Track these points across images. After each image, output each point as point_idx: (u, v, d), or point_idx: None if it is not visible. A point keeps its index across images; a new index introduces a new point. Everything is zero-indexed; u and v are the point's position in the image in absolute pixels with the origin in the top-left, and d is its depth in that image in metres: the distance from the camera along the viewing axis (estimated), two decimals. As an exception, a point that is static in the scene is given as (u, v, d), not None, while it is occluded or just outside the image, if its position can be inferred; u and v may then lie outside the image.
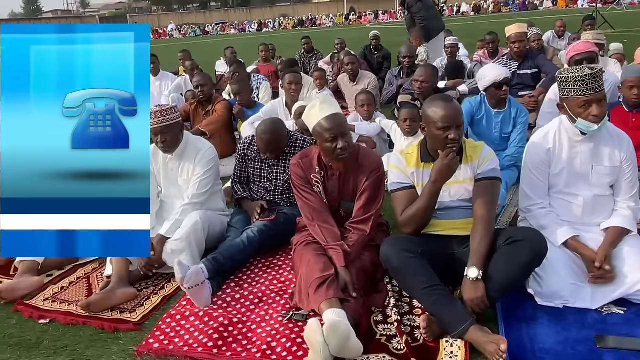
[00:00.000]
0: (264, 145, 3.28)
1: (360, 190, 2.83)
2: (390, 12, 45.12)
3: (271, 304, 2.75)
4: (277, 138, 3.28)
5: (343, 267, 2.60)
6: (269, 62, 8.48)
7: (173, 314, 2.69)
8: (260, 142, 3.29)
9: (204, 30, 46.01)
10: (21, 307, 2.87)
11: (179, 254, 3.03)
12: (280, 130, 3.31)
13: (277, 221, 3.27)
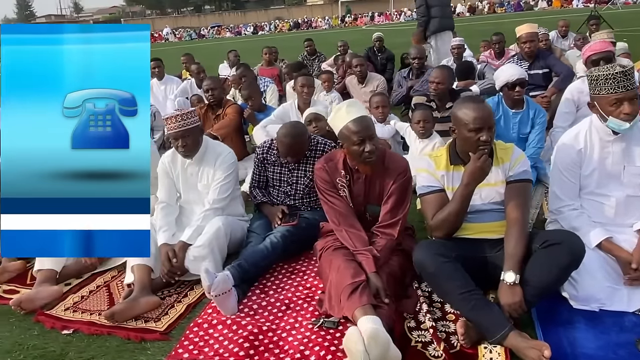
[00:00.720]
0: (285, 149, 3.23)
1: (387, 194, 2.78)
2: (386, 14, 45.17)
3: (299, 311, 2.70)
4: (299, 141, 3.23)
5: (374, 272, 2.55)
6: (272, 65, 8.42)
7: (200, 323, 2.63)
8: (281, 145, 3.24)
9: (199, 34, 45.90)
10: (42, 318, 2.80)
11: (202, 261, 2.98)
12: (303, 133, 3.26)
13: (299, 226, 3.22)
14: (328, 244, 2.88)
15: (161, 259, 2.99)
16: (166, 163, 3.32)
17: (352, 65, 6.15)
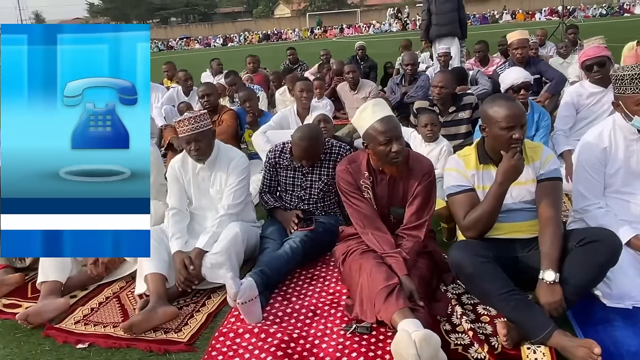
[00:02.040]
0: (301, 152, 3.15)
1: (412, 196, 2.73)
2: (355, 27, 45.63)
3: (327, 317, 2.61)
4: (315, 144, 3.16)
5: (406, 275, 2.48)
6: (256, 72, 8.35)
7: (225, 332, 2.52)
8: (297, 149, 3.16)
9: (168, 45, 45.41)
10: (52, 332, 2.64)
11: (219, 268, 2.87)
12: (319, 136, 3.20)
13: (316, 231, 3.14)
14: (351, 248, 2.81)
15: (176, 267, 2.87)
16: (176, 168, 3.20)
17: (345, 72, 6.14)
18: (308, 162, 3.23)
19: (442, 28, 7.29)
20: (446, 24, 7.28)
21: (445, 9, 7.24)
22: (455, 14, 7.32)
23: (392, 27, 42.41)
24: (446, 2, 7.22)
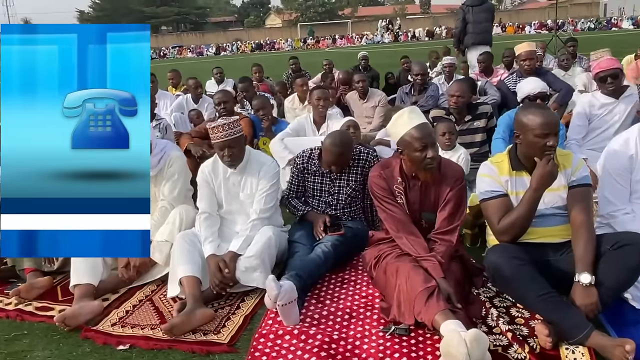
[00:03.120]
0: (333, 158, 3.21)
1: (444, 201, 2.80)
2: (348, 37, 45.99)
3: (364, 320, 2.66)
4: (347, 151, 3.23)
5: (443, 277, 2.54)
6: (262, 82, 8.41)
7: (264, 334, 2.56)
8: (328, 154, 3.22)
9: (160, 54, 45.38)
10: (91, 334, 2.66)
11: (253, 272, 2.91)
12: (350, 142, 3.26)
13: (346, 235, 3.20)
14: (383, 252, 2.87)
15: (211, 271, 2.90)
16: (206, 172, 3.24)
17: (354, 81, 6.20)
18: (338, 168, 3.29)
19: (477, 36, 7.77)
20: (480, 32, 7.79)
21: (481, 19, 7.76)
22: (489, 24, 7.92)
23: (384, 39, 42.84)
24: (482, 12, 7.75)
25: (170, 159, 3.37)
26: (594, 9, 59.31)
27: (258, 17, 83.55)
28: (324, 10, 72.96)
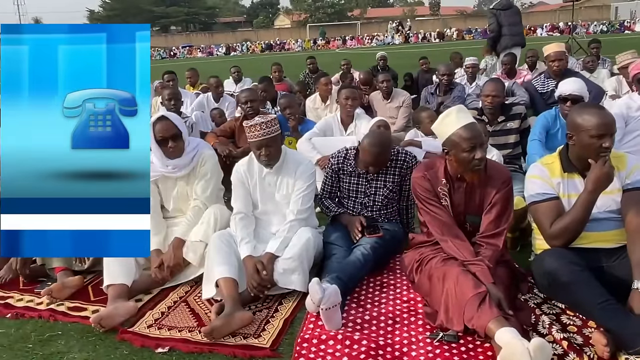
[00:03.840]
0: (371, 158, 3.13)
1: (490, 204, 2.71)
2: (358, 38, 45.90)
3: (409, 325, 2.58)
4: (386, 151, 3.15)
5: (492, 283, 2.46)
6: (281, 81, 8.35)
7: (307, 338, 2.48)
8: (367, 155, 3.14)
9: (170, 53, 45.47)
10: (128, 336, 2.59)
11: (291, 274, 2.84)
12: (389, 142, 3.18)
13: (384, 238, 3.11)
14: (425, 255, 2.79)
15: (248, 272, 2.83)
16: (242, 172, 3.17)
17: (379, 81, 6.13)
18: (375, 169, 3.21)
19: (513, 38, 8.00)
20: (515, 34, 8.05)
21: (514, 21, 8.07)
22: (520, 26, 8.22)
23: (395, 40, 42.72)
24: (513, 15, 8.05)
25: (203, 158, 3.31)
26: (604, 12, 58.93)
27: (267, 18, 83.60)
28: (333, 11, 72.99)
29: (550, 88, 5.62)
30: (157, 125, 3.16)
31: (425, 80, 8.79)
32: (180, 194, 3.35)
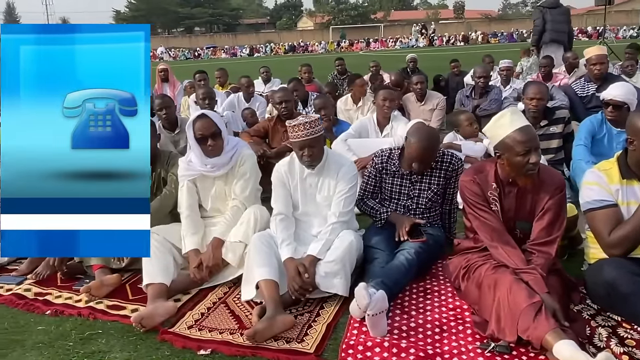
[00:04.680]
0: (419, 154, 3.01)
1: (542, 210, 2.61)
2: (382, 41, 45.71)
3: (457, 334, 2.49)
4: (434, 146, 3.05)
5: (547, 293, 2.36)
6: (311, 82, 8.30)
7: (352, 345, 2.41)
8: (415, 150, 3.02)
9: (194, 54, 45.85)
10: (169, 337, 2.55)
11: (333, 277, 2.78)
12: (438, 139, 3.10)
13: (428, 243, 3.03)
14: (472, 262, 2.71)
15: (290, 275, 2.77)
16: (282, 172, 3.12)
17: (413, 83, 6.05)
18: (421, 167, 3.10)
19: (557, 34, 8.21)
20: (560, 31, 8.22)
21: (559, 19, 8.20)
22: (566, 25, 8.30)
23: (419, 43, 42.45)
24: (559, 14, 8.20)
25: (242, 157, 3.27)
26: (633, 17, 57.74)
27: (290, 20, 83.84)
28: (357, 13, 72.88)
29: (591, 92, 5.49)
30: (197, 123, 3.13)
31: (456, 83, 8.68)
32: (218, 193, 3.31)
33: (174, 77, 8.40)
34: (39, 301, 2.98)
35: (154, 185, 3.56)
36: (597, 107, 5.48)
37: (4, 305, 2.99)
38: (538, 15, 8.38)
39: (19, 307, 2.95)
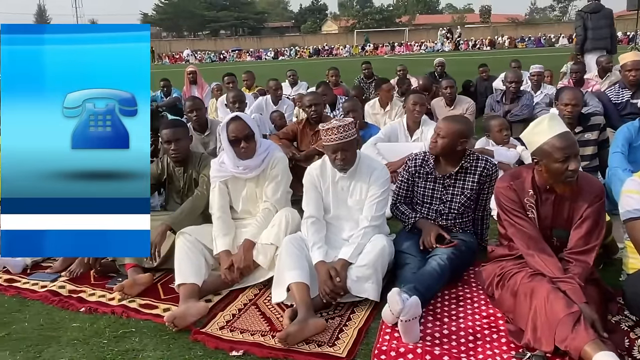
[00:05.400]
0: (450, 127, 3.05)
1: (580, 218, 2.56)
2: (407, 45, 45.53)
3: (491, 343, 2.45)
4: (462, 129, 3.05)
5: (585, 302, 2.31)
6: (338, 86, 8.29)
7: (385, 350, 2.39)
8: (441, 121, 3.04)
9: (220, 57, 46.27)
10: (201, 337, 2.57)
11: (365, 282, 2.77)
12: (469, 126, 3.10)
13: (460, 249, 2.99)
14: (507, 270, 2.66)
15: (321, 278, 2.76)
16: (314, 175, 3.11)
17: (442, 87, 6.00)
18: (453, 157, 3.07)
19: (597, 42, 7.97)
20: (601, 38, 7.97)
21: (601, 25, 7.95)
22: (608, 30, 8.02)
23: (445, 47, 42.17)
24: (602, 19, 7.93)
25: (274, 160, 3.27)
26: (666, 22, 56.52)
27: (315, 23, 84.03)
28: (381, 17, 72.70)
29: (625, 99, 5.36)
30: (230, 125, 3.15)
31: (484, 88, 8.58)
32: (249, 195, 3.32)
33: (202, 80, 8.50)
34: (73, 298, 3.03)
35: (185, 186, 3.61)
36: (631, 114, 5.36)
37: (39, 301, 3.04)
38: (579, 23, 8.19)
39: (53, 303, 3.00)
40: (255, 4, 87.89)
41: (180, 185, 3.62)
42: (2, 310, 2.97)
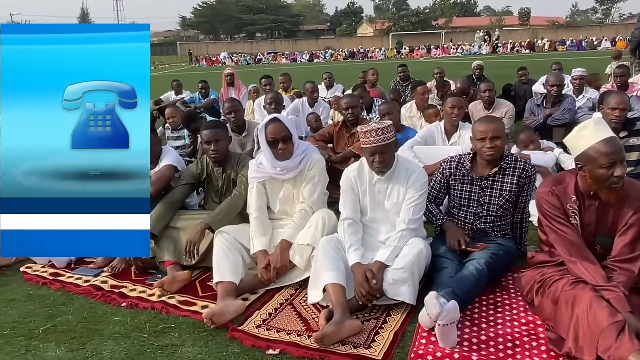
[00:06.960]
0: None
1: (625, 225, 2.49)
2: (444, 48, 45.05)
3: (531, 350, 2.41)
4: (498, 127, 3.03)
5: (630, 312, 2.24)
6: (375, 88, 8.28)
7: (421, 354, 2.38)
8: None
9: (256, 60, 46.76)
10: (239, 335, 2.61)
11: (401, 285, 2.75)
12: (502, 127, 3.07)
13: (498, 254, 2.95)
14: (548, 277, 2.61)
15: (358, 280, 2.76)
16: (352, 178, 3.12)
17: (481, 90, 5.92)
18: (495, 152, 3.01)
19: None
20: None
21: None
22: None
23: (482, 50, 41.55)
24: None
25: (312, 161, 3.29)
26: None
27: (350, 27, 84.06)
28: (418, 20, 72.18)
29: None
30: (269, 126, 3.18)
31: (524, 92, 8.44)
32: (286, 196, 3.35)
33: (239, 82, 8.61)
34: (115, 293, 3.11)
35: (224, 186, 3.67)
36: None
37: (83, 295, 3.14)
38: (638, 25, 8.21)
39: (96, 298, 3.09)
40: (291, 7, 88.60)
41: (219, 186, 3.68)
42: (48, 303, 3.08)
